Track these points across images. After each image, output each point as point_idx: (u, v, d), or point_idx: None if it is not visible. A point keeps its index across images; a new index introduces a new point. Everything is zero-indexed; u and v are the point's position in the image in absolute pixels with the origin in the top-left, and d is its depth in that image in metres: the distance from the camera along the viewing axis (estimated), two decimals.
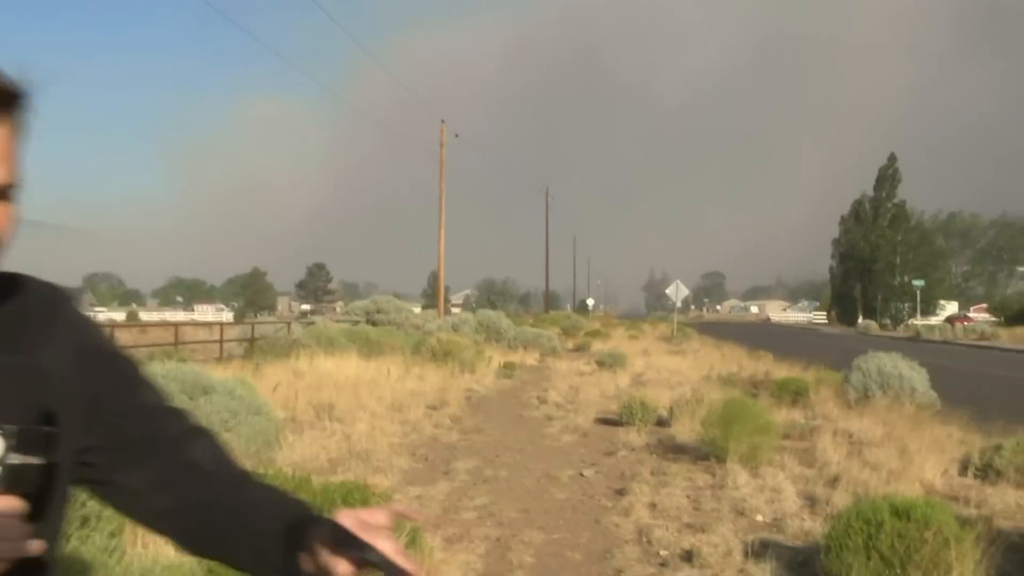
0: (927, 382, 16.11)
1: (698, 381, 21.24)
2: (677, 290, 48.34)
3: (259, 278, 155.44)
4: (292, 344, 24.46)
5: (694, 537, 7.51)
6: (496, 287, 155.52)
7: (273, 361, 20.60)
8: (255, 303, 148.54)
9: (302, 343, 24.02)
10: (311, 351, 22.16)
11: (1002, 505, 8.69)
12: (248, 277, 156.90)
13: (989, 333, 58.89)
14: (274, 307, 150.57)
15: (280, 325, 34.68)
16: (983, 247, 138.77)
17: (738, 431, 10.67)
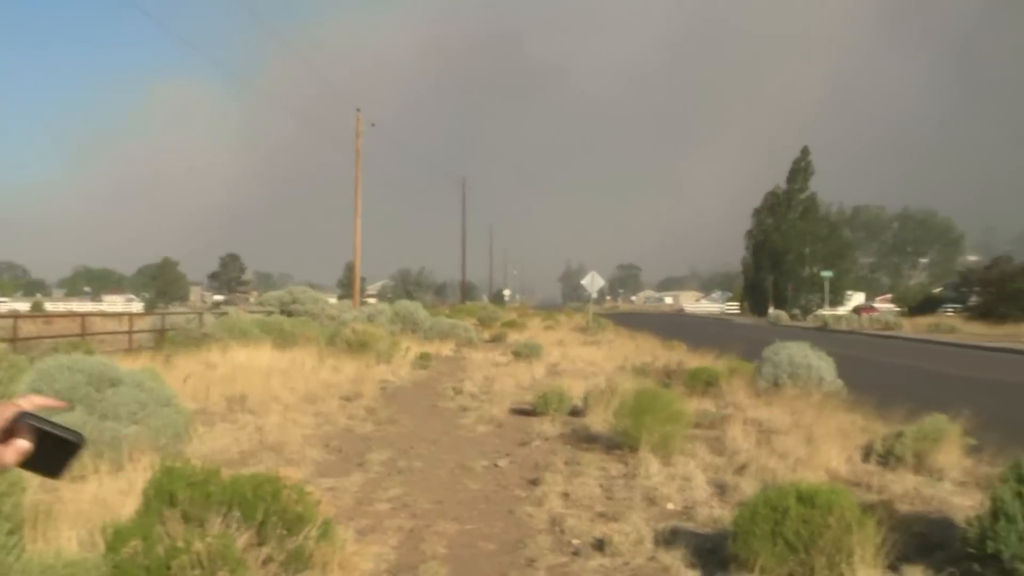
0: (834, 371, 16.52)
1: (612, 371, 21.46)
2: (593, 281, 48.76)
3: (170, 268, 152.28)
4: (204, 335, 24.05)
5: (606, 526, 7.59)
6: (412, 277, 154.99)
7: (184, 352, 20.24)
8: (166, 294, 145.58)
9: (214, 334, 23.63)
10: (224, 342, 21.82)
11: (902, 490, 8.96)
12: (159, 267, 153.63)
13: (893, 323, 60.58)
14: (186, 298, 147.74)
15: (192, 316, 34.06)
16: (888, 239, 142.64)
17: (650, 421, 10.80)
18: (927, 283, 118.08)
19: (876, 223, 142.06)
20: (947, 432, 10.42)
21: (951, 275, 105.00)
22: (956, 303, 76.04)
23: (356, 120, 49.54)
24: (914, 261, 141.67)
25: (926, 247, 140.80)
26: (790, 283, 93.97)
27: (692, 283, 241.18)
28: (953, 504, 8.37)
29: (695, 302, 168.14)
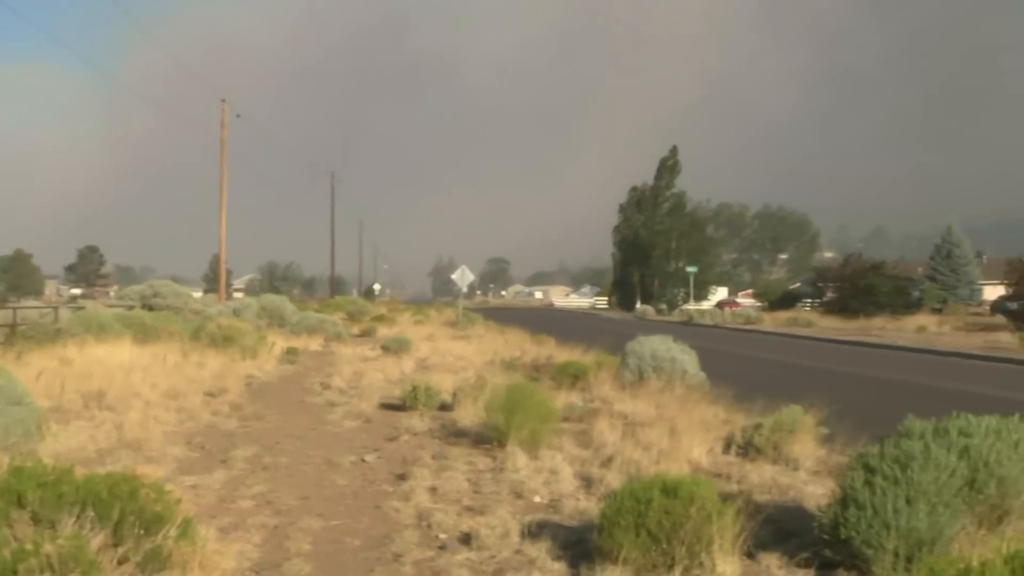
0: (697, 364, 16.94)
1: (482, 366, 21.54)
2: (463, 275, 48.83)
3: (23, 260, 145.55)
4: (59, 330, 23.13)
5: (473, 520, 7.61)
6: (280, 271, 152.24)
7: (38, 349, 19.41)
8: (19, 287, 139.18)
9: (70, 329, 22.75)
10: (81, 338, 21.02)
11: (760, 480, 9.25)
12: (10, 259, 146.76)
13: (754, 317, 62.56)
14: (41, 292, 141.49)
15: (47, 310, 32.67)
16: (749, 236, 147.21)
17: (519, 415, 10.87)
18: (786, 279, 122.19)
19: (738, 220, 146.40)
20: (802, 423, 10.80)
21: (808, 271, 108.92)
22: (813, 298, 78.94)
23: (221, 111, 48.39)
24: (773, 257, 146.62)
25: (784, 243, 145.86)
26: (656, 278, 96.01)
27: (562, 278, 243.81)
28: (807, 492, 8.67)
29: (565, 297, 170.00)
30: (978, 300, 77.11)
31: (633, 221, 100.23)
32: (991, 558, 4.25)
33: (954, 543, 5.81)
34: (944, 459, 5.93)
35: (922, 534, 5.69)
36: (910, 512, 5.70)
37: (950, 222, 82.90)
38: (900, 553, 5.64)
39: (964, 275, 78.12)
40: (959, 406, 7.07)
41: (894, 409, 8.32)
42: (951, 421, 6.42)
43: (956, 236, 80.00)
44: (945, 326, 49.84)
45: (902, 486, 5.81)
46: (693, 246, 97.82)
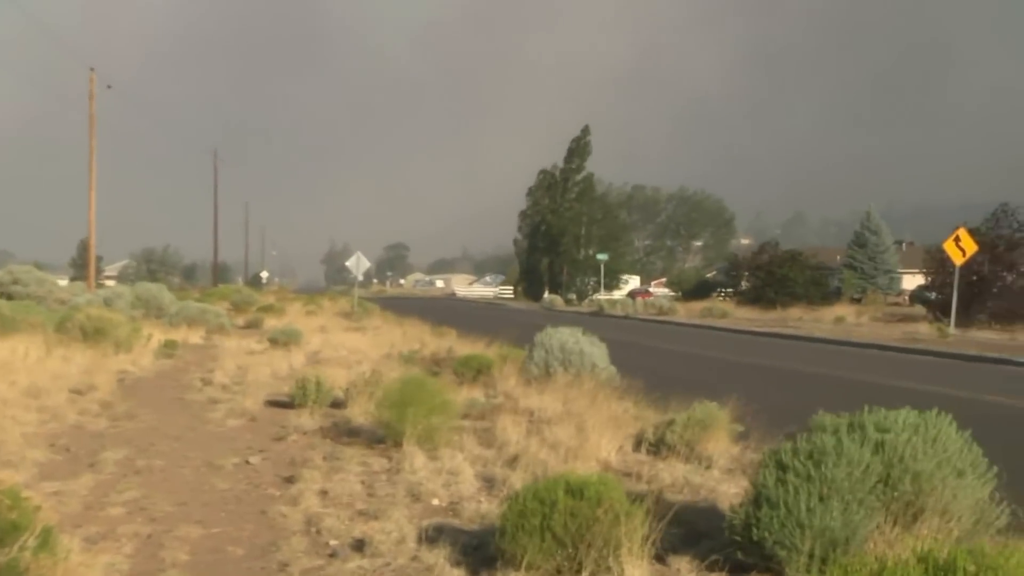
0: (607, 357, 17.11)
1: (378, 359, 21.44)
2: (358, 262, 48.45)
3: None
4: None
5: (366, 525, 7.58)
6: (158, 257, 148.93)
7: None
8: None
9: None
10: None
11: (671, 479, 9.39)
12: None
13: (667, 308, 63.41)
14: None
15: None
16: (663, 221, 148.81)
17: (416, 412, 10.84)
18: (701, 267, 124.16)
19: (652, 204, 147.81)
20: (717, 419, 10.99)
21: (724, 258, 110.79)
22: (728, 287, 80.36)
23: (90, 81, 47.09)
24: (688, 244, 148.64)
25: (700, 229, 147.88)
26: (565, 266, 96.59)
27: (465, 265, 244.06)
28: (720, 492, 8.84)
29: (468, 286, 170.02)
30: (897, 289, 79.48)
31: (541, 206, 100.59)
32: (905, 557, 4.38)
33: (869, 542, 5.98)
34: (858, 455, 6.10)
35: (836, 533, 5.84)
36: (823, 510, 5.85)
37: (869, 208, 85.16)
38: (814, 554, 5.78)
39: (883, 263, 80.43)
40: (876, 400, 7.27)
41: (811, 404, 8.53)
42: (866, 415, 6.60)
43: (875, 223, 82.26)
44: (863, 316, 51.26)
45: (815, 483, 5.96)
46: (604, 232, 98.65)
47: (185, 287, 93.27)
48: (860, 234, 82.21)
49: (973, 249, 37.29)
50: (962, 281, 37.95)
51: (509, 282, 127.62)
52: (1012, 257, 43.04)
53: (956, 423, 6.65)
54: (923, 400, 7.78)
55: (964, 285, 38.81)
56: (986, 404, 16.95)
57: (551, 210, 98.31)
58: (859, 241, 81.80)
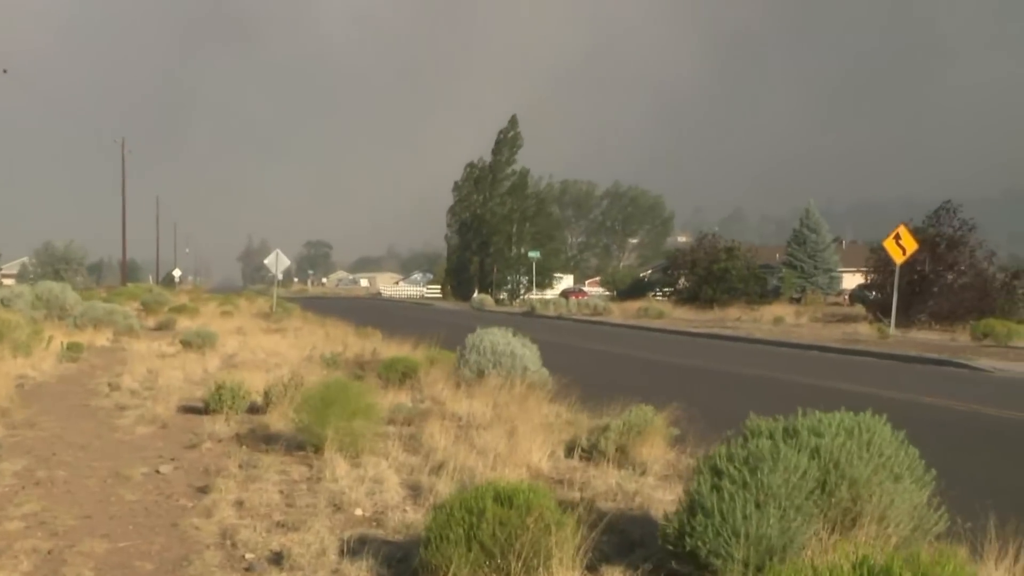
0: (539, 360, 17.17)
1: (298, 362, 21.28)
2: (277, 260, 48.02)
3: None
4: None
5: (285, 537, 7.52)
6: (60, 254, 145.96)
7: None
8: None
9: None
10: None
11: (604, 486, 9.46)
12: None
13: (602, 308, 63.81)
14: None
15: None
16: (597, 218, 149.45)
17: (338, 417, 10.79)
18: (636, 265, 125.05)
19: (586, 200, 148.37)
20: (652, 423, 11.09)
21: (661, 256, 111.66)
22: (665, 286, 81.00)
23: None
24: (623, 241, 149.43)
25: (636, 226, 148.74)
26: (496, 265, 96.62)
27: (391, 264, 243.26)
28: (655, 499, 8.92)
29: (394, 285, 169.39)
30: (837, 288, 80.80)
31: (471, 201, 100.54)
32: (840, 564, 4.47)
33: (806, 550, 6.07)
34: (795, 460, 6.19)
35: (773, 541, 5.92)
36: (760, 518, 5.93)
37: (809, 205, 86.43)
38: (750, 562, 5.86)
39: (823, 262, 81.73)
40: (815, 402, 7.41)
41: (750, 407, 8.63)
42: (802, 419, 6.71)
43: (814, 220, 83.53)
44: (803, 317, 52.05)
45: (751, 490, 6.04)
46: (537, 229, 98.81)
47: (91, 286, 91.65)
48: (799, 232, 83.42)
49: (913, 247, 38.03)
50: (902, 280, 38.70)
51: (437, 281, 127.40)
52: (953, 256, 43.88)
53: (893, 426, 6.79)
54: (861, 402, 7.92)
55: (905, 284, 39.57)
56: (924, 406, 17.31)
57: (481, 206, 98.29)
58: (798, 239, 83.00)
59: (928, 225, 44.16)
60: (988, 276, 43.98)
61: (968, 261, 44.32)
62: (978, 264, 44.51)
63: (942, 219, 44.61)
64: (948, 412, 16.93)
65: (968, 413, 16.85)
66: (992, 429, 15.26)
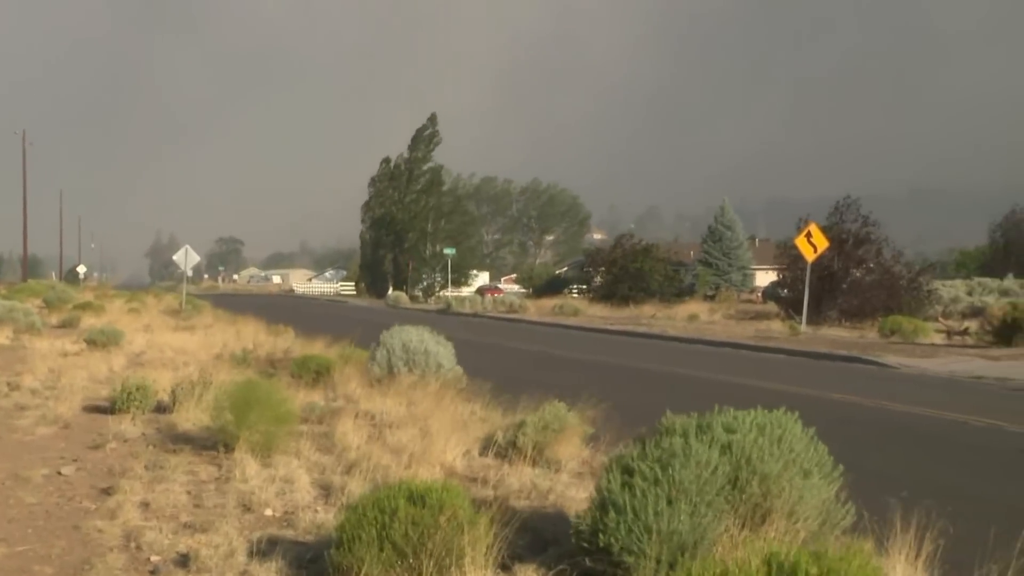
0: (454, 358, 17.15)
1: (208, 361, 20.99)
2: (187, 257, 47.35)
3: None
4: None
5: (192, 538, 7.42)
6: None
7: None
8: None
9: None
10: None
11: (519, 484, 9.47)
12: None
13: (518, 305, 63.94)
14: None
15: None
16: (514, 214, 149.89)
17: (249, 416, 10.66)
18: (553, 262, 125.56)
19: (503, 197, 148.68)
20: (566, 421, 11.13)
21: (577, 253, 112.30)
22: (581, 283, 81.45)
23: None
24: (540, 239, 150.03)
25: (552, 223, 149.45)
26: (411, 262, 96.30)
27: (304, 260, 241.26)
28: (568, 497, 8.96)
29: (307, 281, 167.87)
30: (750, 285, 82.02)
31: (386, 197, 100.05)
32: (749, 560, 4.52)
33: (717, 545, 6.15)
34: (706, 456, 6.26)
35: (684, 537, 5.98)
36: (671, 514, 5.98)
37: (723, 202, 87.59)
38: (662, 559, 5.90)
39: (736, 259, 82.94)
40: (728, 399, 7.50)
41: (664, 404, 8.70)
42: (714, 416, 6.78)
43: (729, 218, 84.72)
44: (717, 314, 52.68)
45: (663, 486, 6.09)
46: (453, 226, 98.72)
47: None
48: (714, 229, 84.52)
49: (824, 245, 38.74)
50: (813, 277, 39.39)
51: (351, 278, 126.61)
52: (861, 254, 44.74)
53: (804, 422, 6.90)
54: (773, 398, 8.04)
55: (816, 281, 40.27)
56: (834, 402, 17.64)
57: (397, 202, 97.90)
58: (713, 236, 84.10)
59: (833, 222, 44.84)
60: (895, 274, 44.92)
61: (876, 259, 45.22)
62: (885, 262, 45.44)
63: (844, 214, 45.29)
64: (857, 408, 17.27)
65: (876, 409, 17.21)
66: (899, 424, 15.61)
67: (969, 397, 19.42)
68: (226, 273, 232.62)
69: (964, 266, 76.28)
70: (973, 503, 9.88)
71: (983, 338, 32.31)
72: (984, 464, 12.49)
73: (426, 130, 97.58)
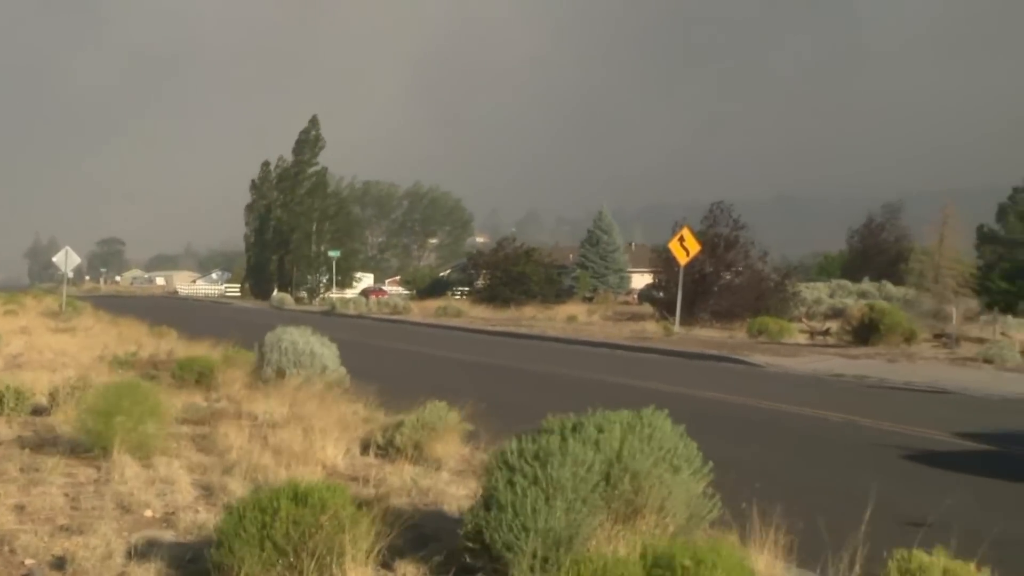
0: (337, 359, 17.00)
1: (89, 363, 20.46)
2: (67, 258, 46.03)
3: None
4: None
5: (69, 541, 7.19)
6: None
7: None
8: None
9: None
10: None
11: (400, 483, 9.42)
12: None
13: (402, 307, 63.69)
14: None
15: None
16: (398, 218, 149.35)
17: (129, 418, 10.39)
18: (436, 265, 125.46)
19: (386, 200, 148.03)
20: (446, 420, 11.12)
21: (460, 256, 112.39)
22: (464, 286, 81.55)
23: None
24: (423, 242, 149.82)
25: (436, 226, 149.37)
26: (296, 264, 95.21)
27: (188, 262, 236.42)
28: (449, 494, 8.95)
29: (191, 283, 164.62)
30: (627, 288, 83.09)
31: (270, 200, 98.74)
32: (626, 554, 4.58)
33: (591, 540, 6.20)
34: (582, 454, 6.31)
35: (560, 533, 6.02)
36: (548, 511, 6.02)
37: (602, 208, 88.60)
38: (538, 554, 5.93)
39: (613, 262, 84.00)
40: (604, 397, 7.58)
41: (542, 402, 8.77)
42: (588, 416, 6.85)
43: (606, 222, 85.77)
44: (595, 315, 53.25)
45: (542, 484, 6.12)
46: (337, 229, 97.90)
47: None
48: (593, 233, 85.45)
49: (696, 249, 39.51)
50: (687, 280, 40.10)
51: (236, 280, 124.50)
52: (731, 256, 45.73)
53: (674, 419, 7.01)
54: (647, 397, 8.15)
55: (689, 284, 40.99)
56: (705, 400, 18.00)
57: (282, 205, 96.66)
58: (591, 240, 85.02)
59: (706, 226, 45.78)
60: (763, 276, 46.05)
61: (744, 262, 46.28)
62: (753, 264, 46.57)
63: (717, 218, 46.31)
64: (726, 406, 17.64)
65: (744, 406, 17.60)
66: (764, 420, 16.00)
67: (829, 394, 20.02)
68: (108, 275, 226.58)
69: (826, 270, 78.37)
70: (830, 495, 10.17)
71: (843, 338, 33.31)
72: (841, 457, 12.88)
73: (309, 132, 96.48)
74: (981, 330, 35.16)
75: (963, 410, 17.65)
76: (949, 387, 20.94)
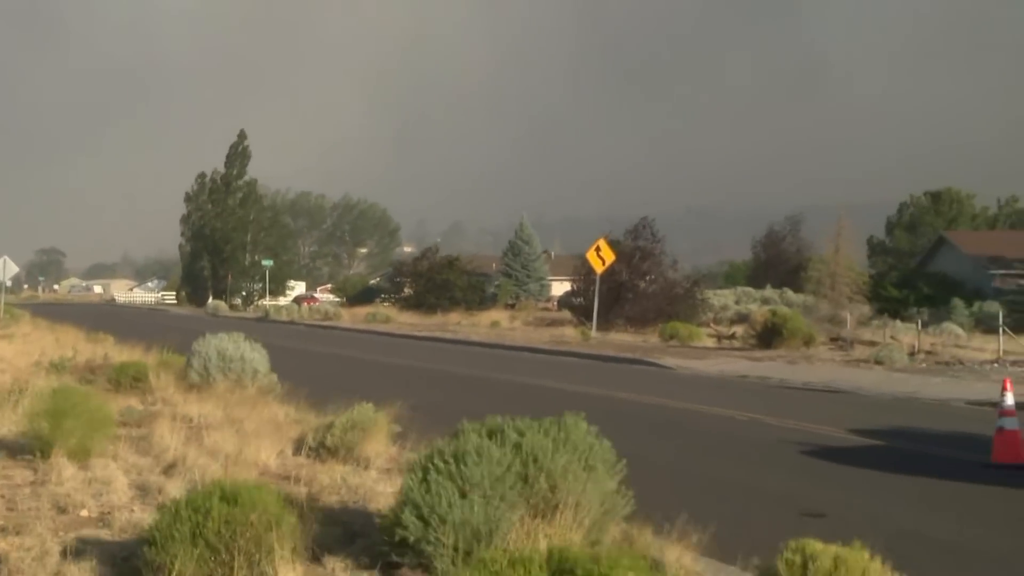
0: (268, 363, 16.84)
1: (26, 368, 19.95)
2: (4, 267, 44.94)
3: None
4: None
5: (5, 541, 7.04)
6: None
7: None
8: None
9: None
10: None
11: (330, 481, 9.37)
12: None
13: (333, 313, 63.25)
14: None
15: None
16: (328, 228, 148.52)
17: (66, 421, 10.18)
18: (365, 273, 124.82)
19: (317, 211, 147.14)
20: (374, 421, 11.08)
21: (388, 265, 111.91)
22: (392, 293, 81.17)
23: None
24: (353, 251, 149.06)
25: (365, 236, 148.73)
26: (230, 272, 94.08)
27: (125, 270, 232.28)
28: (377, 491, 8.91)
29: (128, 291, 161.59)
30: (547, 295, 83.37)
31: (204, 211, 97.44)
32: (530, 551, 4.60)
33: (510, 534, 6.23)
34: (497, 455, 6.36)
35: (478, 527, 6.05)
36: (465, 506, 6.05)
37: (522, 219, 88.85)
38: (459, 548, 5.95)
39: (534, 271, 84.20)
40: (526, 399, 7.61)
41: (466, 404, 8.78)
42: (506, 421, 6.88)
43: (527, 233, 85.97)
44: (517, 321, 53.41)
45: (456, 481, 6.16)
46: (270, 238, 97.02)
47: None
48: (514, 243, 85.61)
49: (612, 258, 39.83)
50: (603, 287, 40.41)
51: (172, 288, 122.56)
52: (646, 266, 46.24)
53: (590, 420, 7.06)
54: (564, 398, 8.22)
55: (605, 291, 41.31)
56: (619, 401, 18.12)
57: (216, 215, 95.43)
58: (513, 250, 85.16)
59: (629, 238, 46.31)
60: (674, 284, 46.63)
61: (657, 270, 46.84)
62: (665, 273, 47.15)
63: (640, 233, 46.87)
64: (639, 406, 17.79)
65: (656, 406, 17.77)
66: (675, 420, 16.18)
67: (735, 394, 20.31)
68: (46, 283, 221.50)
69: (732, 277, 79.48)
70: (737, 488, 10.32)
71: (748, 341, 33.85)
72: (747, 453, 13.08)
73: (238, 145, 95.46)
74: (873, 334, 35.93)
75: (857, 408, 18.05)
76: (844, 387, 21.39)
